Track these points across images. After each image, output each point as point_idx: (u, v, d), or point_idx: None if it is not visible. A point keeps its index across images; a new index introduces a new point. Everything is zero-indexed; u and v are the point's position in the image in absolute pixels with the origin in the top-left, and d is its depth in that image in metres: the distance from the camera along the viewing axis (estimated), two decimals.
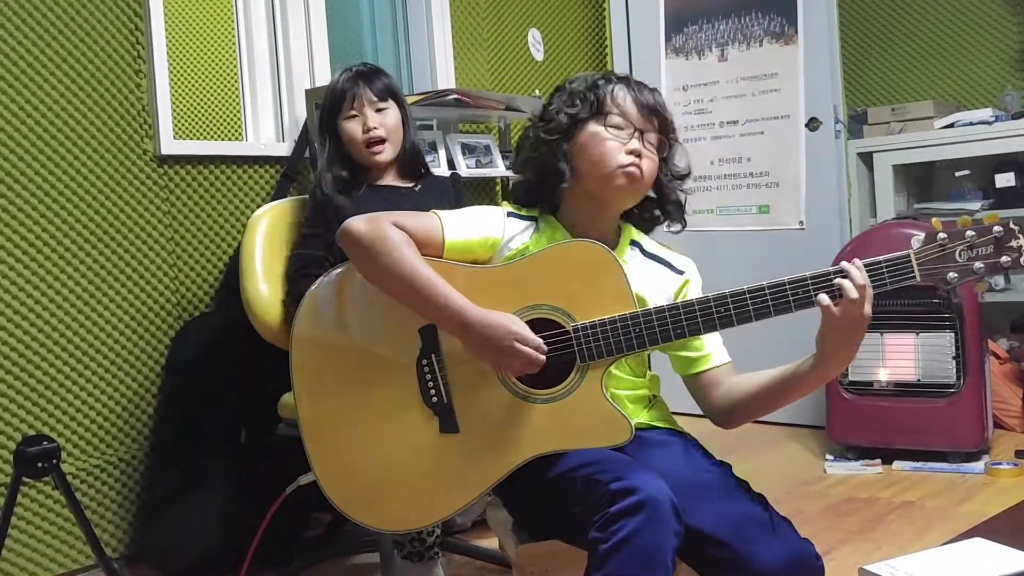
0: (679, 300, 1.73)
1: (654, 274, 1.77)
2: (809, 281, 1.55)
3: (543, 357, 1.59)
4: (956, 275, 1.53)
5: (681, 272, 1.79)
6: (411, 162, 2.49)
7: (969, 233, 1.53)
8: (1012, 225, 1.52)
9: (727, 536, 1.49)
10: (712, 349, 1.73)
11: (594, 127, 1.71)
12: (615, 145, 1.70)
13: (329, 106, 2.44)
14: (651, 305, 1.67)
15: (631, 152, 1.69)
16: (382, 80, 2.47)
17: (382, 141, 2.42)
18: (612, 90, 1.73)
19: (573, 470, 1.55)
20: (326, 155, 2.43)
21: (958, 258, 1.53)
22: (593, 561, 1.45)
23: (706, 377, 1.73)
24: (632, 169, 1.69)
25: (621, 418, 1.61)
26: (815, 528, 2.74)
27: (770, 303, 1.55)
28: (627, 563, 1.41)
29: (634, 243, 1.81)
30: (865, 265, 1.54)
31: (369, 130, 2.40)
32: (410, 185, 2.47)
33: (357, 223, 1.66)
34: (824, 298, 1.51)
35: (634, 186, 1.72)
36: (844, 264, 1.53)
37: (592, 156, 1.71)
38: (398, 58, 3.94)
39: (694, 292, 1.78)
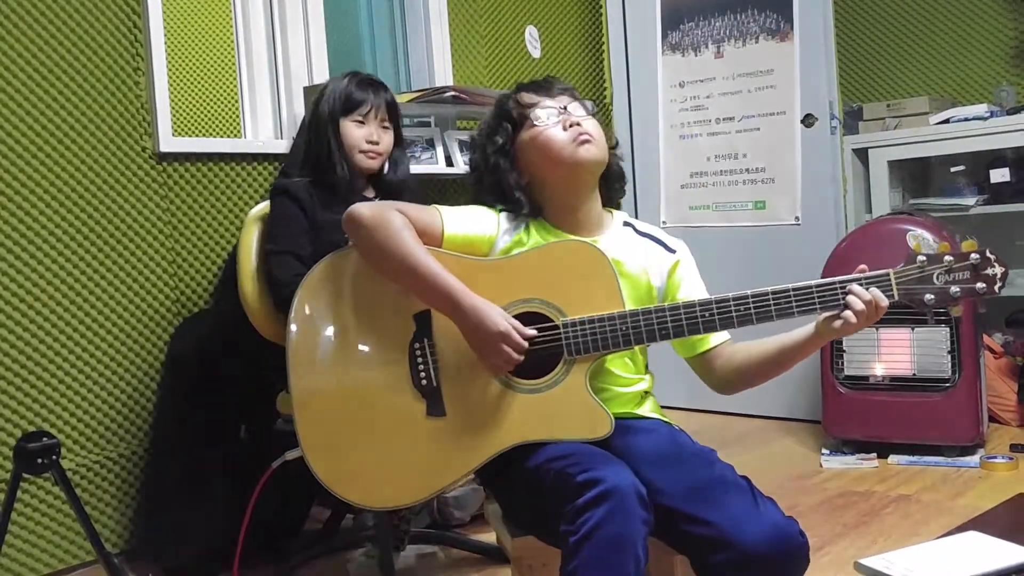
0: (672, 278, 1.82)
1: (648, 250, 1.83)
2: (792, 293, 1.63)
3: (520, 358, 1.63)
4: (933, 297, 1.61)
5: (673, 251, 1.85)
6: (390, 187, 2.51)
7: (947, 258, 1.61)
8: (988, 253, 1.61)
9: (711, 515, 1.51)
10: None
11: (524, 135, 1.80)
12: (552, 130, 1.77)
13: (343, 105, 2.45)
14: (646, 278, 1.77)
15: (571, 125, 1.77)
16: (392, 98, 2.53)
17: (377, 155, 2.47)
18: (517, 99, 1.82)
19: (548, 462, 1.59)
20: (335, 146, 2.42)
21: (935, 281, 1.61)
22: (565, 553, 1.48)
23: (707, 356, 1.80)
24: (583, 136, 1.76)
25: (602, 412, 1.66)
26: (811, 522, 2.75)
27: (752, 311, 1.63)
28: (595, 553, 1.44)
29: (627, 223, 1.88)
30: (846, 281, 1.63)
31: (371, 142, 2.45)
32: (372, 196, 2.51)
33: (362, 208, 1.72)
34: (850, 316, 1.60)
35: (592, 151, 1.77)
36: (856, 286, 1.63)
37: (538, 155, 1.79)
38: (396, 55, 3.94)
39: (688, 270, 1.85)
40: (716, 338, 1.79)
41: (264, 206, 2.48)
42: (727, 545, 1.48)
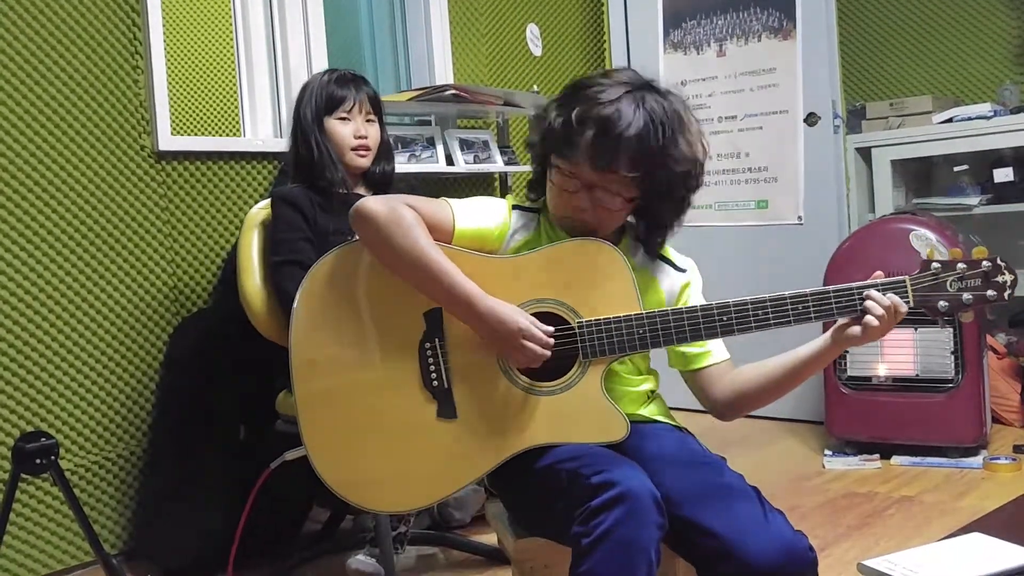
0: (681, 299, 1.77)
1: (657, 270, 1.79)
2: (810, 298, 1.62)
3: (548, 353, 1.60)
4: (946, 304, 1.64)
5: (684, 271, 1.81)
6: (379, 181, 2.52)
7: (960, 265, 1.63)
8: (999, 261, 1.63)
9: (719, 527, 1.49)
10: (712, 346, 1.75)
11: (552, 170, 1.71)
12: (562, 195, 1.69)
13: (324, 104, 2.45)
14: (655, 297, 1.72)
15: (574, 208, 1.68)
16: (373, 91, 2.53)
17: (367, 149, 2.47)
18: (579, 139, 1.63)
19: (559, 463, 1.57)
20: (327, 149, 2.43)
21: (948, 288, 1.64)
22: (576, 555, 1.46)
23: (706, 373, 1.75)
24: (567, 221, 1.71)
25: (618, 416, 1.63)
26: (813, 523, 2.74)
27: (771, 316, 1.62)
28: (608, 556, 1.42)
29: (638, 239, 1.82)
30: (864, 287, 1.62)
31: (360, 137, 2.45)
32: (365, 193, 2.50)
33: (372, 202, 1.66)
34: (872, 320, 1.60)
35: (577, 230, 1.71)
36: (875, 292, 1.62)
37: (549, 196, 1.74)
38: (396, 54, 3.93)
39: (695, 291, 1.80)
40: (715, 356, 1.74)
41: (265, 204, 2.47)
42: (733, 558, 1.46)
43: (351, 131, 2.44)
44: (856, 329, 1.61)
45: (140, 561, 2.78)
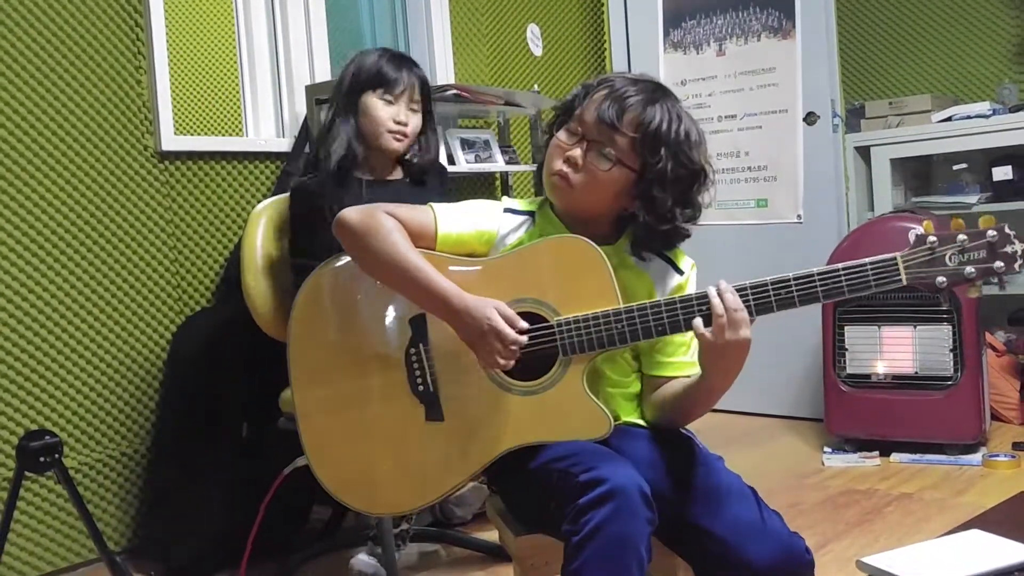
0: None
1: (657, 268, 1.76)
2: (769, 286, 1.54)
3: (515, 353, 1.60)
4: (945, 279, 1.49)
5: (682, 272, 1.77)
6: (421, 166, 2.44)
7: (961, 237, 1.49)
8: (1008, 229, 1.47)
9: (717, 529, 1.50)
10: (680, 358, 1.74)
11: (556, 135, 1.72)
12: (558, 151, 1.69)
13: (368, 80, 2.34)
14: (647, 286, 1.71)
15: (565, 160, 1.68)
16: (424, 76, 2.42)
17: (404, 136, 2.37)
18: (588, 97, 1.70)
19: (551, 462, 1.57)
20: (351, 127, 2.34)
21: (948, 262, 1.49)
22: (567, 553, 1.46)
23: (658, 382, 1.74)
24: (554, 179, 1.69)
25: (600, 412, 1.62)
26: (813, 520, 2.75)
27: (752, 304, 1.54)
28: (598, 553, 1.42)
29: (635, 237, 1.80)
30: (850, 267, 1.54)
31: (399, 123, 2.35)
32: (400, 177, 2.44)
33: (351, 212, 1.69)
34: (698, 323, 1.53)
35: (558, 193, 1.70)
36: (714, 290, 1.54)
37: (546, 163, 1.73)
38: None
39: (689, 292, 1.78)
40: (676, 371, 1.72)
41: (268, 203, 2.48)
42: (731, 561, 1.47)
43: (391, 114, 2.33)
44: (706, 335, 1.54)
45: (143, 559, 2.79)
